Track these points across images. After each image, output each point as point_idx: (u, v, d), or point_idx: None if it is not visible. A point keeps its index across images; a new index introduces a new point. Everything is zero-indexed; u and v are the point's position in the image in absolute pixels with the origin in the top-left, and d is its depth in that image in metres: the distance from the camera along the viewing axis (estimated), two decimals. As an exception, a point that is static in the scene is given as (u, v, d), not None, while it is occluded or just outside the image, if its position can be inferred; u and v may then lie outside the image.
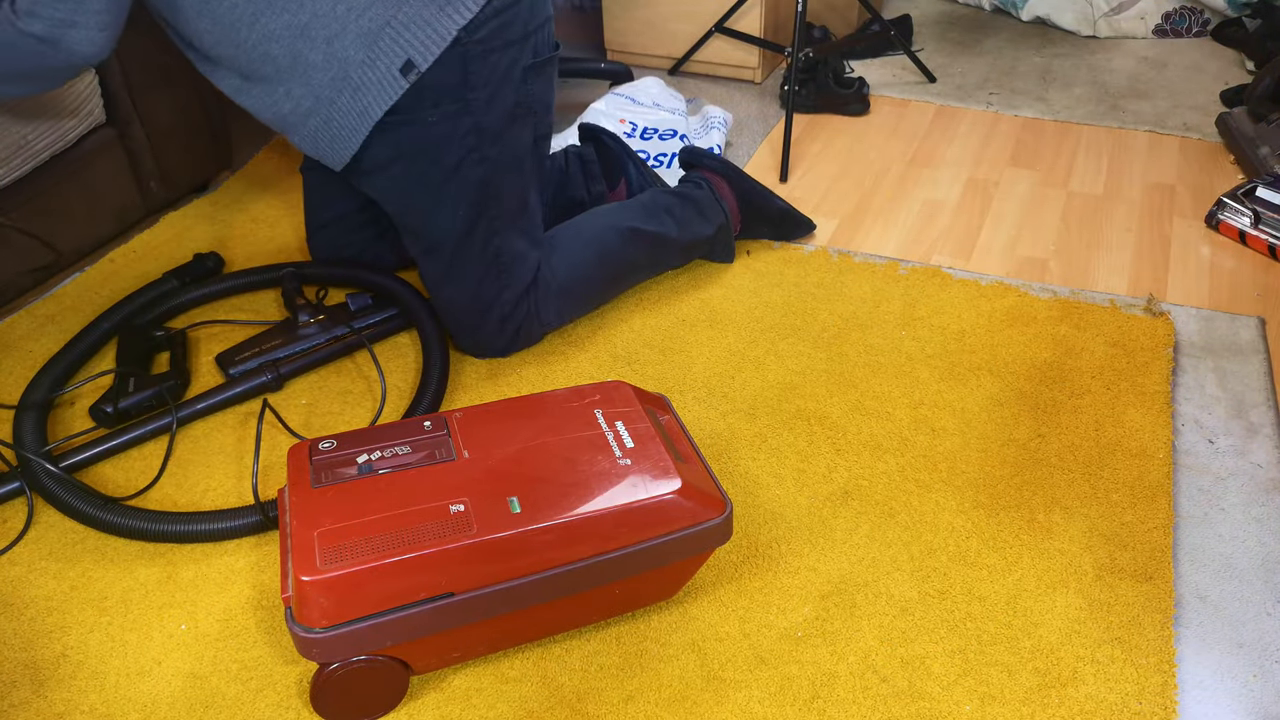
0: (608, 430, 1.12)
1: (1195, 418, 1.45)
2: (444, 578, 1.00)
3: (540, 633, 1.13)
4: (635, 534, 1.05)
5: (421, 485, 1.04)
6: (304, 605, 0.96)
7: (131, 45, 1.76)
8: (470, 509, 1.02)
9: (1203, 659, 1.13)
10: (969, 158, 2.14)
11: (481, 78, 1.36)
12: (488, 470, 1.07)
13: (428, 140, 1.37)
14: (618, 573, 1.07)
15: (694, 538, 1.08)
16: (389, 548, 0.98)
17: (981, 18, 2.85)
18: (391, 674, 1.05)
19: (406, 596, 0.99)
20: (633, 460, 1.09)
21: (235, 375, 1.50)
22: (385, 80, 1.31)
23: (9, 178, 1.60)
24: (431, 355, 1.49)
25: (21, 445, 1.34)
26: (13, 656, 1.14)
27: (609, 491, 1.05)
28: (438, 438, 1.11)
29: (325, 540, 0.98)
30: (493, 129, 1.40)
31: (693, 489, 1.07)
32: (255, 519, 1.26)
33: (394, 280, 1.63)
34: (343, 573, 0.96)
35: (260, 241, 1.86)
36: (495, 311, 1.50)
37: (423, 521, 1.00)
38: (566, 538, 1.03)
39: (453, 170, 1.40)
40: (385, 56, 1.30)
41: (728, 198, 1.74)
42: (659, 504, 1.05)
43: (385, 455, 1.08)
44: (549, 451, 1.09)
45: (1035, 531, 1.27)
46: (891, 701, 1.08)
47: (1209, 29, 2.71)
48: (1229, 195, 1.85)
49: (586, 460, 1.08)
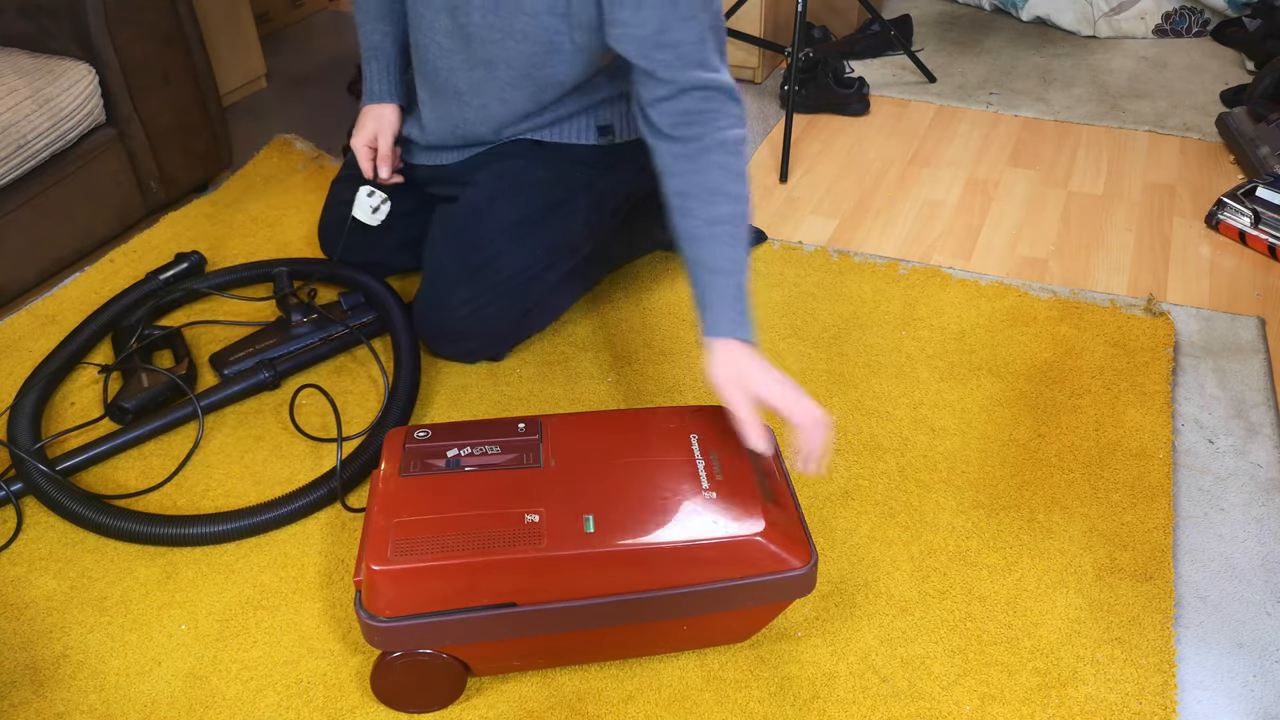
0: (700, 458, 1.08)
1: (1195, 418, 1.45)
2: (508, 587, 0.98)
3: (602, 655, 1.12)
4: (710, 572, 1.00)
5: (503, 489, 1.04)
6: (371, 593, 0.98)
7: (132, 45, 1.76)
8: (545, 521, 1.00)
9: (1203, 659, 1.13)
10: (969, 158, 2.14)
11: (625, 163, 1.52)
12: (570, 483, 1.04)
13: (558, 187, 1.48)
14: (687, 609, 1.03)
15: (772, 586, 1.02)
16: (458, 549, 0.97)
17: (981, 18, 2.85)
18: (449, 672, 1.05)
19: (469, 600, 0.98)
20: (719, 494, 1.03)
21: (230, 375, 1.50)
22: (584, 130, 1.49)
23: (9, 178, 1.60)
24: (401, 357, 1.50)
25: (14, 444, 1.34)
26: (13, 656, 1.14)
27: (689, 523, 1.00)
28: (529, 441, 1.09)
29: (400, 532, 0.99)
30: (608, 203, 1.54)
31: (778, 533, 1.01)
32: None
33: (374, 280, 1.63)
34: (410, 567, 0.96)
35: (260, 241, 1.86)
36: (494, 334, 1.51)
37: (496, 527, 0.99)
38: (637, 565, 0.99)
39: (559, 221, 1.49)
40: (596, 115, 1.49)
41: None
42: (739, 544, 1.00)
43: (474, 453, 1.08)
44: (635, 472, 1.06)
45: (1035, 531, 1.27)
46: (891, 701, 1.08)
47: (1209, 29, 2.71)
48: (1229, 195, 1.85)
49: (671, 487, 1.04)
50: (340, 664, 1.12)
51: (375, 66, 1.54)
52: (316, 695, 1.09)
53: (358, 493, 1.33)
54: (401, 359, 1.49)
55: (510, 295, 1.48)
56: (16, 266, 1.66)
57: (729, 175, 1.21)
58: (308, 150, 2.15)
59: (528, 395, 1.49)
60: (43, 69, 1.66)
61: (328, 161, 2.11)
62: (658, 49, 1.21)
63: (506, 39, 1.32)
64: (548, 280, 1.51)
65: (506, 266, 1.47)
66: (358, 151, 1.56)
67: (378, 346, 1.59)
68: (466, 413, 1.46)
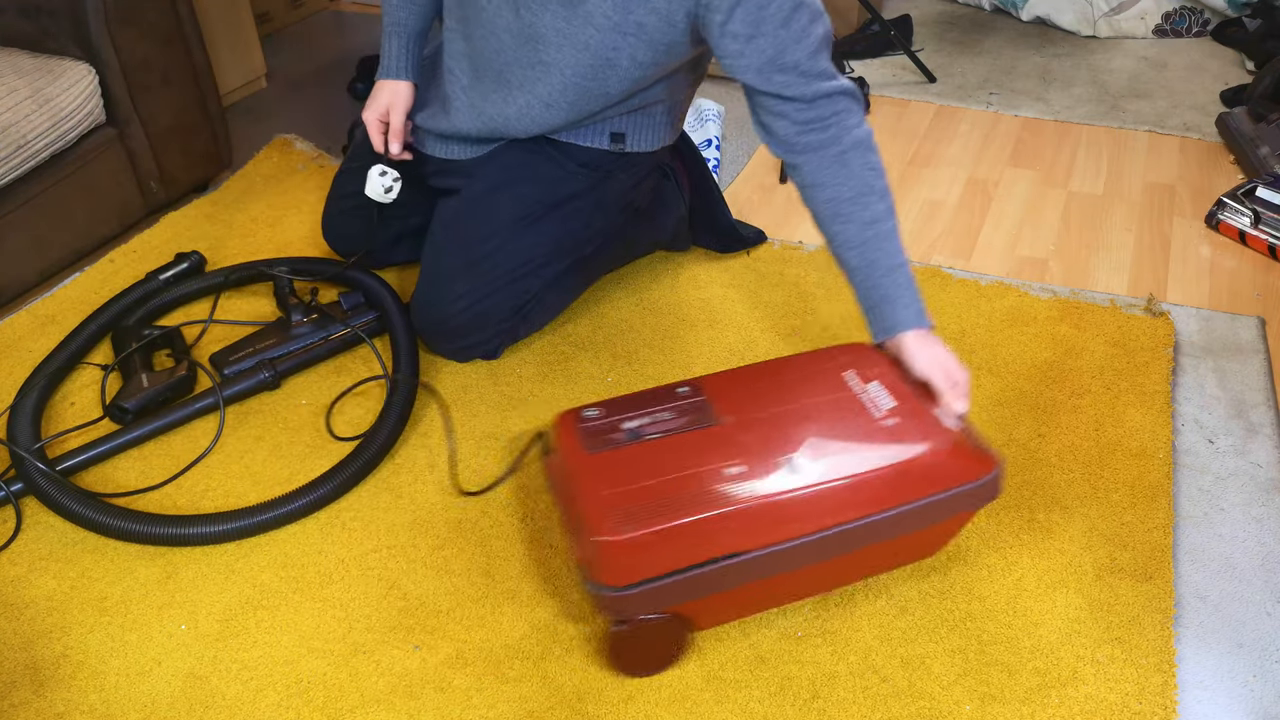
0: (862, 391, 1.14)
1: (1195, 418, 1.45)
2: (732, 538, 1.02)
3: (810, 591, 1.16)
4: (911, 492, 1.07)
5: (694, 449, 1.07)
6: (601, 565, 1.00)
7: (132, 45, 1.76)
8: (750, 471, 1.04)
9: (1203, 659, 1.13)
10: (969, 158, 2.14)
11: (629, 172, 1.53)
12: (755, 433, 1.09)
13: (562, 185, 1.49)
14: (895, 530, 1.09)
15: (965, 496, 1.10)
16: (680, 509, 1.01)
17: (981, 18, 2.85)
18: (678, 630, 1.09)
19: (697, 556, 1.02)
20: (898, 420, 1.10)
21: (230, 375, 1.50)
22: (597, 135, 1.48)
23: (9, 178, 1.60)
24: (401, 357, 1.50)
25: (14, 444, 1.34)
26: (13, 656, 1.14)
27: (882, 450, 1.07)
28: (696, 403, 1.13)
29: (617, 503, 1.01)
30: (608, 207, 1.54)
31: (965, 445, 1.09)
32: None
33: (375, 279, 1.63)
34: (639, 534, 0.99)
35: (261, 241, 1.86)
36: (487, 329, 1.51)
37: (707, 484, 1.03)
38: (846, 498, 1.05)
39: (559, 219, 1.49)
40: (612, 125, 1.48)
41: (685, 187, 1.75)
42: (934, 460, 1.07)
43: (651, 422, 1.11)
44: (810, 414, 1.12)
45: (1035, 531, 1.27)
46: (891, 701, 1.08)
47: (1209, 29, 2.71)
48: (1229, 195, 1.85)
49: (850, 421, 1.11)
50: (340, 664, 1.12)
51: (395, 43, 1.53)
52: (316, 695, 1.09)
53: (384, 487, 1.33)
54: (401, 359, 1.49)
55: (507, 290, 1.48)
56: (16, 266, 1.66)
57: (874, 173, 1.24)
58: (308, 150, 2.15)
59: (528, 395, 1.49)
60: (43, 69, 1.66)
61: (328, 161, 2.11)
62: (778, 72, 1.22)
63: (568, 45, 1.32)
64: (544, 277, 1.51)
65: (504, 262, 1.47)
66: (369, 124, 1.54)
67: (377, 347, 1.59)
68: (467, 412, 1.46)
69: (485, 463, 1.38)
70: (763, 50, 1.21)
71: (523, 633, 1.16)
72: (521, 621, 1.17)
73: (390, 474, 1.36)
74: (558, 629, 1.16)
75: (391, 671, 1.12)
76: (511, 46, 1.37)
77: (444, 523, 1.29)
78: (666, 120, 1.52)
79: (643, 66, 1.33)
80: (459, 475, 1.36)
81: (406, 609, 1.19)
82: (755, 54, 1.21)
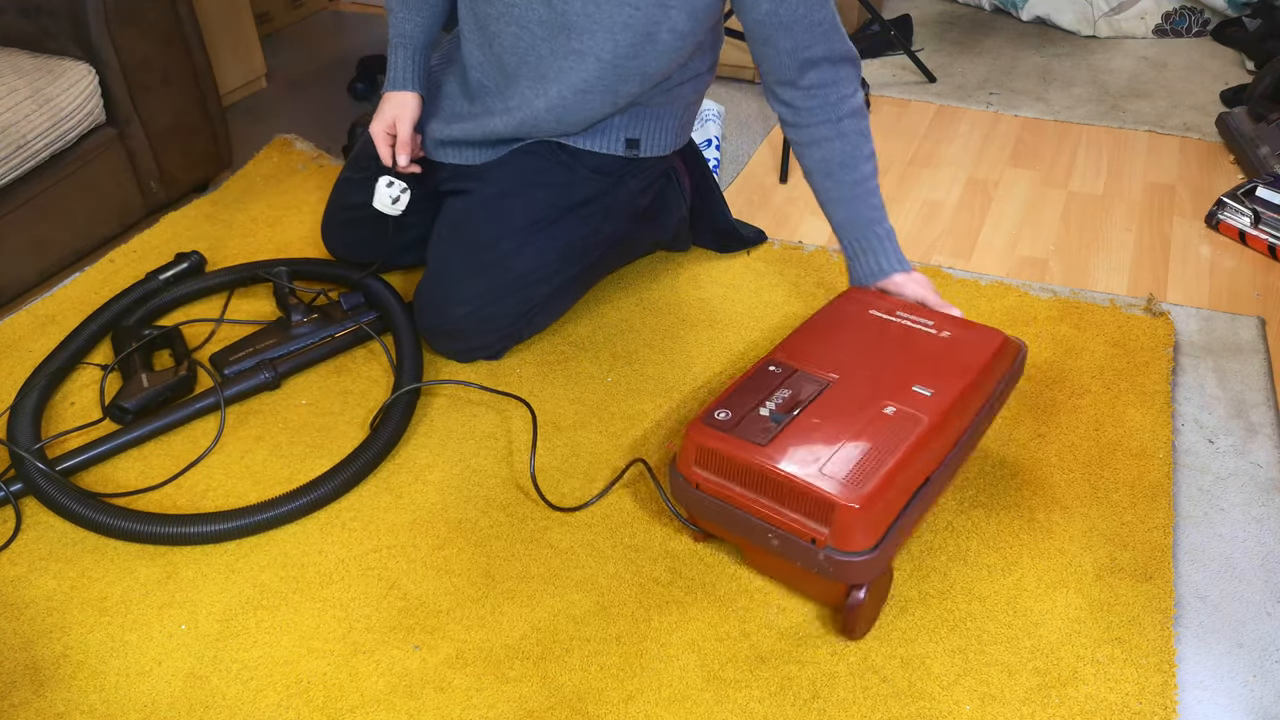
0: (902, 320, 1.28)
1: (1195, 418, 1.45)
2: (923, 465, 1.11)
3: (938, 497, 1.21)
4: (998, 376, 1.23)
5: (840, 409, 1.14)
6: (850, 533, 1.04)
7: (132, 45, 1.76)
8: (901, 408, 1.13)
9: (1203, 659, 1.13)
10: (969, 158, 2.14)
11: (639, 178, 1.55)
12: (870, 379, 1.18)
13: (574, 191, 1.50)
14: (995, 408, 1.24)
15: (1019, 368, 1.29)
16: (883, 457, 1.07)
17: (981, 18, 2.85)
18: (889, 578, 1.16)
19: (909, 492, 1.10)
20: (950, 330, 1.26)
21: (231, 375, 1.50)
22: (615, 140, 1.51)
23: (9, 178, 1.60)
24: (404, 358, 1.50)
25: (14, 444, 1.34)
26: (13, 656, 1.14)
27: (967, 355, 1.21)
28: (798, 373, 1.20)
29: (836, 473, 1.06)
30: (618, 214, 1.56)
31: (1000, 333, 1.25)
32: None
33: (376, 279, 1.63)
34: (872, 490, 1.04)
35: (261, 241, 1.86)
36: (494, 332, 1.51)
37: (882, 429, 1.11)
38: (971, 399, 1.18)
39: (569, 226, 1.50)
40: (624, 128, 1.50)
41: (686, 187, 1.75)
42: (1002, 348, 1.24)
43: (780, 403, 1.15)
44: (894, 348, 1.23)
45: (1035, 531, 1.27)
46: (891, 701, 1.08)
47: (1209, 29, 2.71)
48: (1229, 195, 1.85)
49: (921, 343, 1.24)
50: (340, 664, 1.13)
51: (401, 54, 1.53)
52: (316, 695, 1.09)
53: (370, 497, 1.33)
54: (404, 360, 1.49)
55: (515, 295, 1.48)
56: (16, 266, 1.66)
57: (864, 138, 1.39)
58: (308, 150, 2.15)
59: (528, 395, 1.49)
60: (43, 69, 1.66)
61: (328, 161, 2.11)
62: (807, 30, 1.31)
63: (601, 30, 1.34)
64: (553, 283, 1.52)
65: (515, 266, 1.47)
66: (376, 138, 1.53)
67: (376, 349, 1.59)
68: (467, 412, 1.46)
69: (486, 462, 1.38)
70: (795, 7, 1.30)
71: (523, 633, 1.16)
72: (521, 621, 1.17)
73: (390, 474, 1.36)
74: (558, 629, 1.16)
75: (391, 671, 1.12)
76: (543, 39, 1.38)
77: (444, 523, 1.29)
78: (679, 123, 1.53)
79: (682, 38, 1.36)
80: (471, 478, 1.36)
81: (406, 609, 1.19)
82: (788, 11, 1.30)
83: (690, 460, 1.14)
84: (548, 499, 1.31)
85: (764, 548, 1.11)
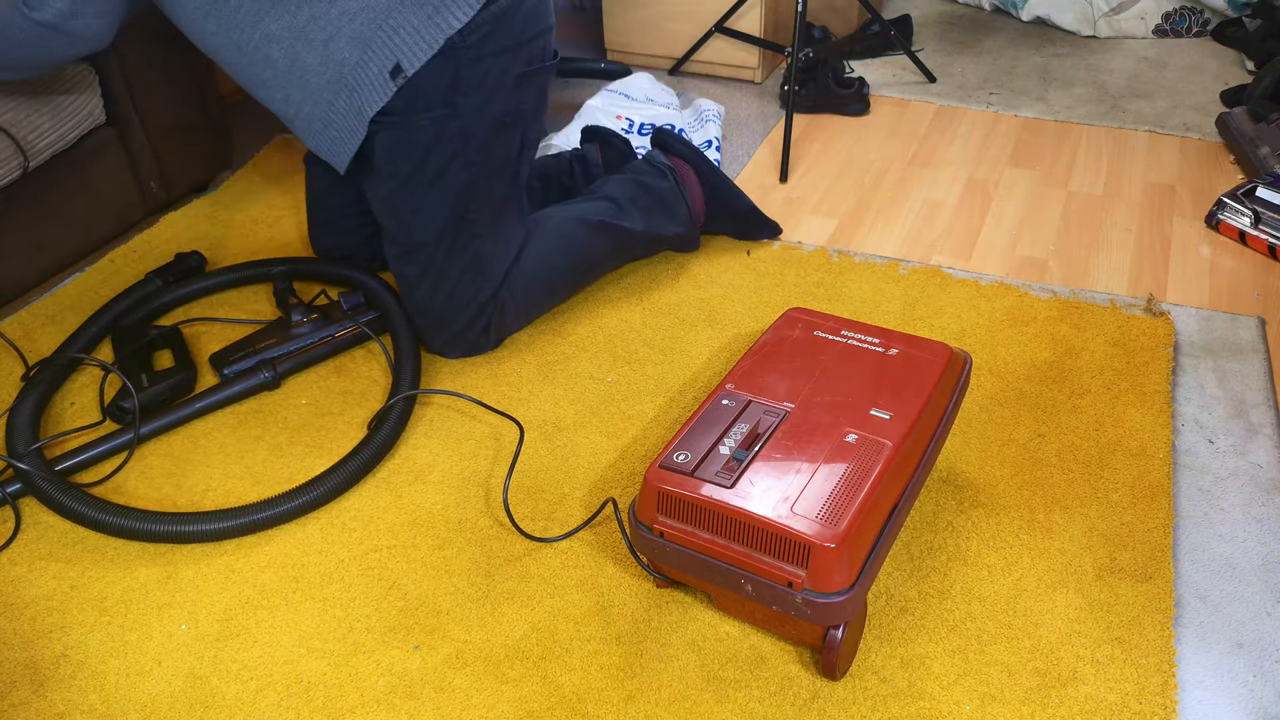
0: (848, 339, 1.26)
1: (1195, 418, 1.45)
2: (891, 492, 1.09)
3: (904, 521, 1.20)
4: (950, 391, 1.22)
5: (801, 439, 1.11)
6: (828, 573, 1.00)
7: (132, 45, 1.76)
8: (862, 435, 1.11)
9: (1203, 659, 1.13)
10: (969, 158, 2.14)
11: (472, 83, 1.39)
12: (826, 405, 1.15)
13: (416, 143, 1.41)
14: (948, 425, 1.22)
15: (966, 381, 1.27)
16: (852, 489, 1.05)
17: (981, 18, 2.85)
18: (864, 611, 1.13)
19: (879, 522, 1.07)
20: (897, 347, 1.24)
21: (230, 375, 1.50)
22: (376, 82, 1.36)
23: (9, 177, 1.60)
24: (402, 358, 1.50)
25: (12, 446, 1.34)
26: (13, 656, 1.14)
27: (919, 373, 1.19)
28: (752, 403, 1.16)
29: (803, 512, 1.02)
30: (480, 135, 1.43)
31: (947, 346, 1.24)
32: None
33: (374, 279, 1.63)
34: (848, 527, 1.01)
35: (261, 241, 1.86)
36: (468, 310, 1.51)
37: (846, 458, 1.08)
38: (928, 418, 1.16)
39: (438, 174, 1.43)
40: (376, 59, 1.35)
41: (693, 187, 1.75)
42: (951, 361, 1.22)
43: (739, 439, 1.12)
44: (848, 371, 1.20)
45: (1035, 531, 1.27)
46: (891, 701, 1.08)
47: (1209, 29, 2.71)
48: (1229, 195, 1.85)
49: (870, 363, 1.21)
50: (340, 664, 1.13)
51: None
52: (316, 695, 1.09)
53: (382, 506, 1.33)
54: (402, 360, 1.49)
55: (448, 259, 1.47)
56: (16, 266, 1.66)
57: None
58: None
59: (528, 395, 1.49)
60: (43, 69, 1.66)
61: (328, 161, 2.11)
62: None
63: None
64: (477, 232, 1.47)
65: (419, 232, 1.46)
66: None
67: (376, 349, 1.59)
68: (468, 412, 1.46)
69: (486, 462, 1.38)
70: None
71: (523, 633, 1.16)
72: (521, 621, 1.17)
73: (390, 474, 1.36)
74: (558, 629, 1.16)
75: (391, 672, 1.12)
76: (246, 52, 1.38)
77: (444, 523, 1.29)
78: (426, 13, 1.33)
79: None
80: (471, 478, 1.36)
81: (406, 609, 1.19)
82: None
83: (651, 507, 1.08)
84: (520, 526, 1.28)
85: (737, 593, 1.07)
